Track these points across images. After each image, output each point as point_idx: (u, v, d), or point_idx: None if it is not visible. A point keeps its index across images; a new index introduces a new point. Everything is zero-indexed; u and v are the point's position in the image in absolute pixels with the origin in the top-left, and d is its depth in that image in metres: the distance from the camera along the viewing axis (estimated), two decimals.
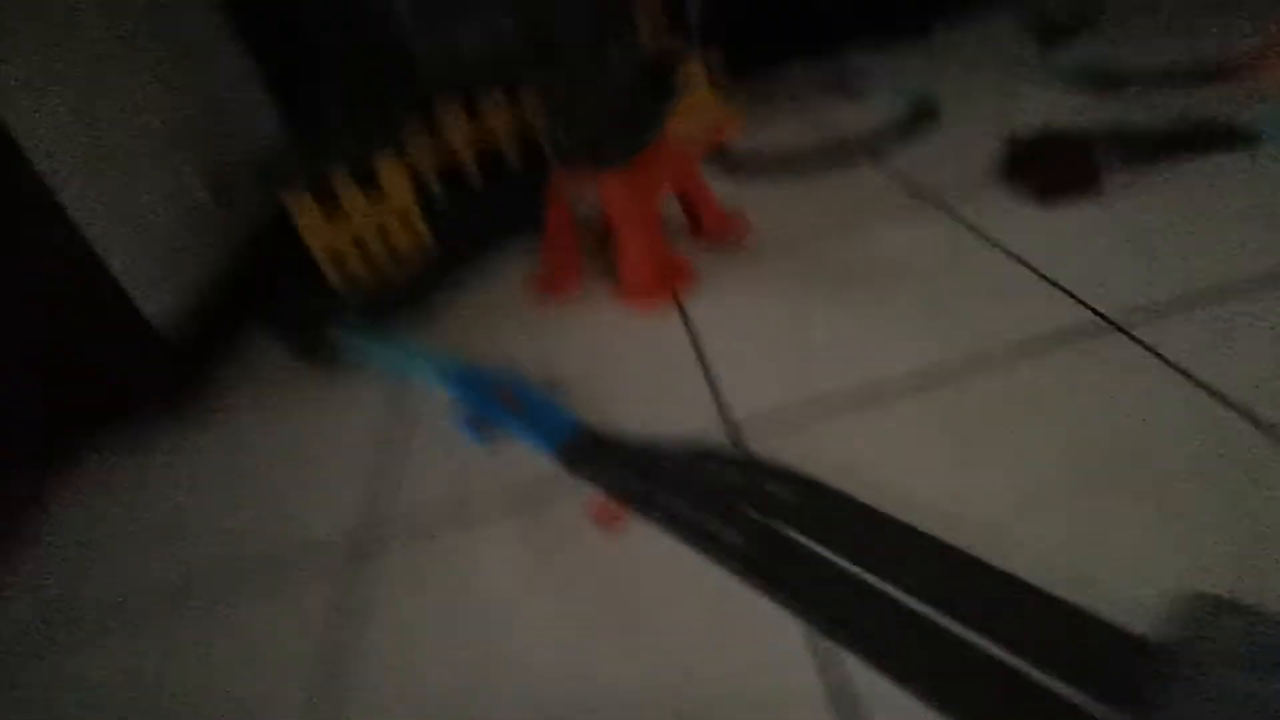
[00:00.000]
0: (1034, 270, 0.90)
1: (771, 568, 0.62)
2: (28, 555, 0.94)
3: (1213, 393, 0.67)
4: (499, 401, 0.92)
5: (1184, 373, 0.70)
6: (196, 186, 1.36)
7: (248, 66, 1.70)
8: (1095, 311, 0.80)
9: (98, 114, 1.16)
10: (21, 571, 0.91)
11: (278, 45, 1.68)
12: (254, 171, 1.23)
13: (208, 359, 1.30)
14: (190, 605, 0.77)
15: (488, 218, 1.43)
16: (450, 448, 0.89)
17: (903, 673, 0.52)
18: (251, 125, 1.67)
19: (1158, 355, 0.72)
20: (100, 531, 0.94)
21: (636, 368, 0.94)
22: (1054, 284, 0.87)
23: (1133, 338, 0.75)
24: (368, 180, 1.24)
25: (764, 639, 0.57)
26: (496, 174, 1.53)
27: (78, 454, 1.13)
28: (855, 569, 0.60)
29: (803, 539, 0.64)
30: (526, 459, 0.83)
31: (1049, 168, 1.06)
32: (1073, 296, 0.84)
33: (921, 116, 1.40)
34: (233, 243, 1.43)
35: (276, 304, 1.38)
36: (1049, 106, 1.32)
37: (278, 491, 0.91)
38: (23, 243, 1.04)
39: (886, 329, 0.87)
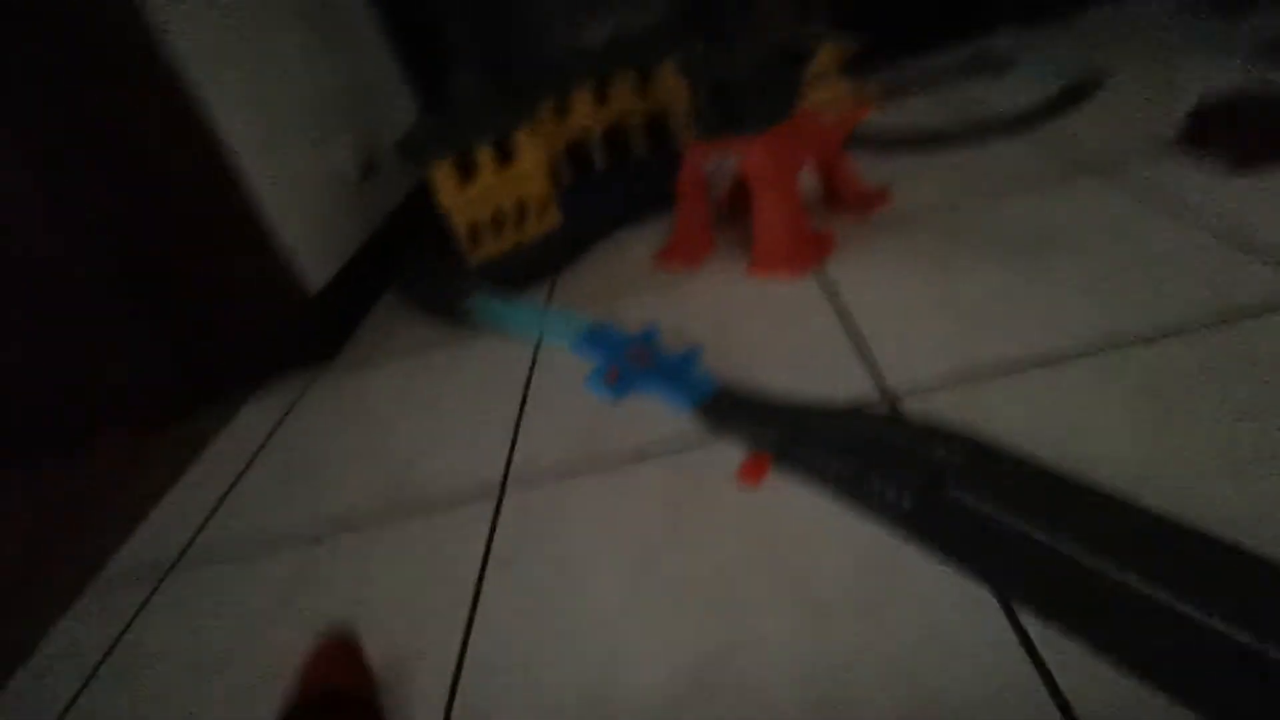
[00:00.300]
0: (1224, 236, 0.80)
1: (942, 527, 0.58)
2: (187, 490, 1.01)
3: None
4: (634, 361, 0.91)
5: None
6: (346, 161, 1.44)
7: (390, 51, 1.80)
8: None
9: (267, 89, 1.25)
10: (180, 504, 0.98)
11: (418, 32, 1.76)
12: (397, 145, 1.29)
13: (352, 323, 1.37)
14: (336, 541, 0.80)
15: (617, 196, 1.43)
16: (585, 406, 0.89)
17: (1102, 639, 0.46)
18: (392, 107, 1.75)
19: None
20: (252, 473, 1.00)
21: (777, 334, 0.91)
22: (1248, 250, 0.77)
23: None
24: (504, 156, 1.27)
25: (933, 601, 0.52)
26: (625, 155, 1.54)
27: (233, 405, 1.21)
28: (1035, 529, 0.55)
29: (973, 499, 0.59)
30: (662, 417, 0.82)
31: (1244, 133, 0.95)
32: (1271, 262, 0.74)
33: (1078, 91, 1.29)
34: (375, 214, 1.51)
35: (414, 273, 1.44)
36: (1223, 78, 1.19)
37: (417, 444, 0.94)
38: (200, 208, 1.12)
39: (1055, 297, 0.80)
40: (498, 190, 1.27)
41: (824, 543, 0.60)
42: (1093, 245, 0.87)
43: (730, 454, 0.73)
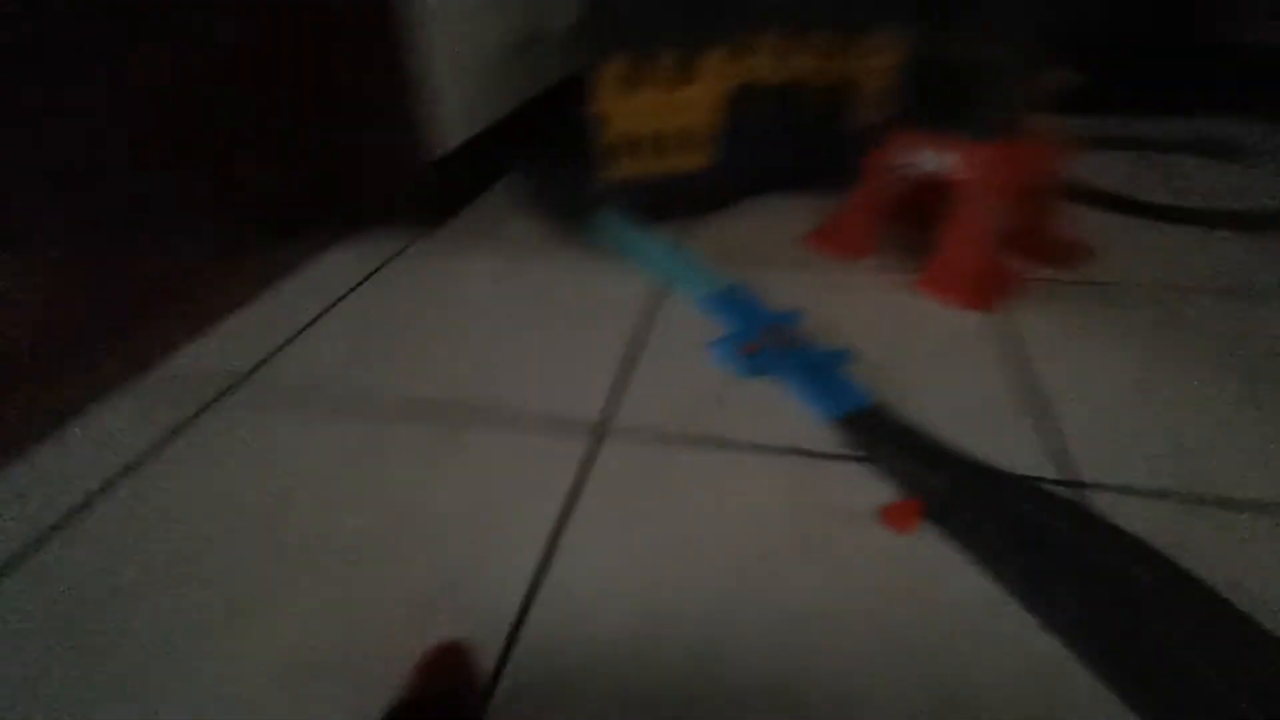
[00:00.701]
0: None
1: (1127, 657, 0.47)
2: (253, 318, 0.94)
3: None
4: (773, 341, 0.80)
5: None
6: (510, 28, 1.33)
7: None
8: None
9: None
10: (241, 332, 0.91)
11: None
12: (576, 27, 1.16)
13: (467, 198, 1.28)
14: (403, 426, 0.72)
15: (783, 157, 1.31)
16: (706, 371, 0.79)
17: None
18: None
19: None
20: (325, 322, 0.93)
21: (940, 365, 0.79)
22: None
23: None
24: (678, 76, 1.14)
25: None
26: (794, 117, 1.40)
27: (321, 244, 1.13)
28: (1234, 693, 0.44)
29: (1170, 635, 0.48)
30: (794, 412, 0.71)
31: None
32: None
33: None
34: (519, 95, 1.40)
35: (544, 167, 1.34)
36: None
37: (510, 347, 0.85)
38: (357, 32, 1.03)
39: None
40: (664, 110, 1.15)
41: (979, 630, 0.50)
42: None
43: (874, 484, 0.62)
